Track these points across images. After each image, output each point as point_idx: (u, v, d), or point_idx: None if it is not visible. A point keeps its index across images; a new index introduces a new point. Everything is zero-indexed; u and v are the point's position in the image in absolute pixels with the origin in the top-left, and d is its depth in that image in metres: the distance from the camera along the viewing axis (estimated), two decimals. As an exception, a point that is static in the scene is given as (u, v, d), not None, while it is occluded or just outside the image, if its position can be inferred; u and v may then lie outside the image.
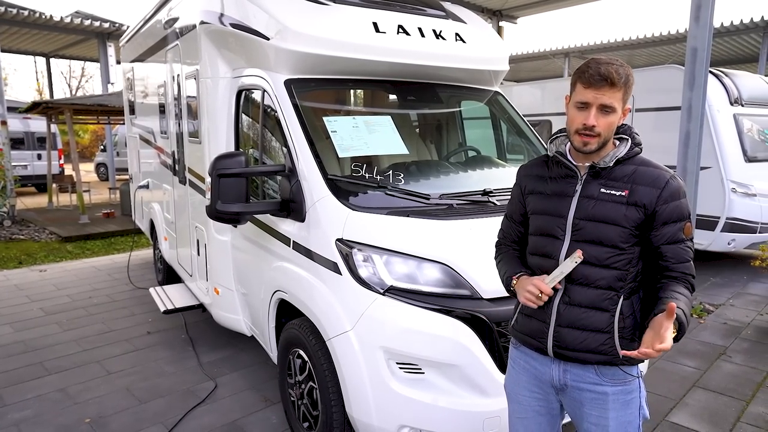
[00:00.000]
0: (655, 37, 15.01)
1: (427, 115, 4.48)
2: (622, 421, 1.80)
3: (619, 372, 1.79)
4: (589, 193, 1.78)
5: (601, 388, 1.80)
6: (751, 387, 3.98)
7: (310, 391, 3.02)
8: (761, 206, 6.72)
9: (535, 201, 1.93)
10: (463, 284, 2.65)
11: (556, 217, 1.83)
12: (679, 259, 1.73)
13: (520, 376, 2.00)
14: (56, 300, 6.10)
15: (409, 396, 2.53)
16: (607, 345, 1.75)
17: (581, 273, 1.76)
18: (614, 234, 1.73)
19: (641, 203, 1.72)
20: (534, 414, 1.98)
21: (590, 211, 1.77)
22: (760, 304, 5.93)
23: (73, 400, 3.78)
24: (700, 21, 5.44)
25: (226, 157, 3.00)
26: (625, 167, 1.78)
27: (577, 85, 1.72)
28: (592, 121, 1.68)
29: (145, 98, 6.43)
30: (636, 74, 7.93)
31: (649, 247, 1.77)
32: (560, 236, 1.82)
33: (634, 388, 1.81)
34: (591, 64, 1.71)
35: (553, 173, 1.89)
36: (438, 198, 3.10)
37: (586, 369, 1.80)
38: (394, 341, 2.56)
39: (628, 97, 1.73)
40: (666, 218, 1.72)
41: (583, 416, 1.85)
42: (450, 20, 3.96)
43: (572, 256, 1.73)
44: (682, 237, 1.73)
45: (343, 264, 2.73)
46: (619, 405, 1.80)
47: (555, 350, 1.83)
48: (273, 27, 3.30)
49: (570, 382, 1.84)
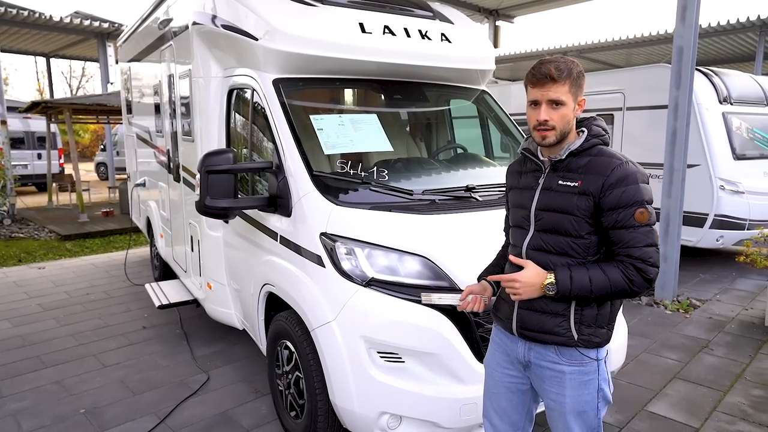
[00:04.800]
0: (652, 36, 15.04)
1: (414, 114, 4.57)
2: (579, 400, 1.92)
3: (576, 353, 1.90)
4: (549, 185, 1.92)
5: (559, 367, 1.92)
6: (729, 378, 4.07)
7: (296, 381, 3.12)
8: (749, 203, 6.81)
9: (512, 195, 2.12)
10: (442, 276, 2.74)
11: (523, 209, 2.00)
12: (624, 244, 1.77)
13: (495, 353, 2.17)
14: (54, 296, 6.21)
15: (389, 384, 2.62)
16: (563, 327, 1.88)
17: (540, 260, 1.90)
18: (568, 223, 1.84)
19: (589, 192, 1.81)
20: (505, 390, 2.13)
21: (548, 202, 1.90)
22: (746, 299, 6.02)
23: (69, 392, 3.89)
24: (686, 21, 5.53)
25: (214, 154, 3.10)
26: (581, 159, 1.88)
27: (527, 86, 1.87)
28: (543, 116, 1.82)
29: (141, 98, 6.53)
30: (626, 73, 7.97)
31: (605, 234, 1.84)
32: (526, 227, 1.98)
33: (591, 370, 1.92)
34: (536, 65, 1.84)
35: (526, 168, 2.06)
36: (421, 194, 3.19)
37: (547, 348, 1.94)
38: (375, 331, 2.65)
39: (578, 89, 1.84)
40: (611, 204, 1.78)
41: (544, 392, 2.00)
42: (437, 21, 4.05)
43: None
44: (632, 222, 1.76)
45: (326, 257, 2.83)
46: (576, 384, 1.91)
47: (519, 330, 1.99)
48: (261, 28, 3.40)
49: (533, 360, 1.98)
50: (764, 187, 7.02)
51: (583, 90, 1.87)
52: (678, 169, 5.77)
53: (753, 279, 6.75)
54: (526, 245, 1.95)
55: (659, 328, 5.15)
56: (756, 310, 5.63)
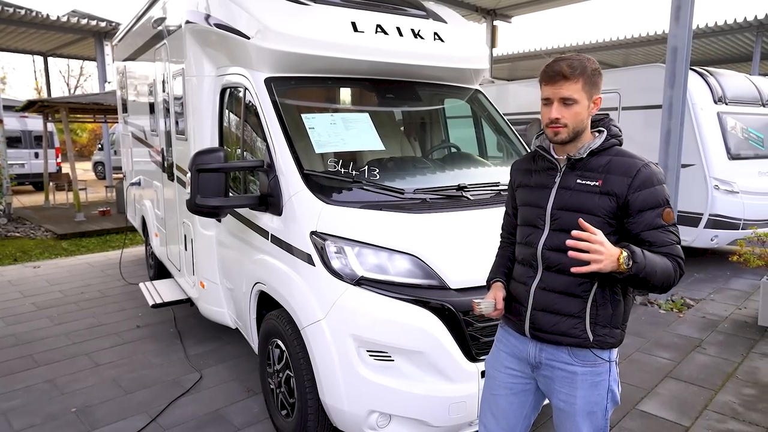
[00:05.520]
0: (649, 36, 15.06)
1: (407, 113, 4.57)
2: (590, 401, 1.89)
3: (590, 354, 1.88)
4: (566, 184, 1.88)
5: (571, 368, 1.90)
6: (721, 377, 4.08)
7: (287, 380, 3.12)
8: (744, 203, 6.82)
9: (522, 193, 2.07)
10: (432, 275, 2.75)
11: (537, 208, 1.95)
12: (662, 243, 1.77)
13: (500, 353, 2.12)
14: (48, 295, 6.20)
15: (378, 382, 2.62)
16: (578, 329, 1.86)
17: (557, 260, 1.86)
18: (589, 223, 1.74)
19: (613, 192, 1.79)
20: (506, 392, 2.08)
21: (566, 201, 1.86)
22: (740, 298, 6.04)
23: (61, 391, 3.89)
24: (680, 21, 5.53)
25: (205, 153, 3.10)
26: (601, 158, 1.86)
27: (541, 84, 1.86)
28: (555, 114, 1.80)
29: (136, 97, 6.53)
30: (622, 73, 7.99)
31: (628, 236, 1.81)
32: (541, 226, 1.93)
33: (603, 371, 1.90)
34: (549, 63, 1.84)
35: (538, 166, 2.02)
36: (412, 193, 3.20)
37: (559, 349, 1.91)
38: (364, 330, 2.66)
39: (593, 87, 1.82)
40: (640, 206, 1.77)
41: (554, 393, 1.96)
42: (430, 20, 4.05)
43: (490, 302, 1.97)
44: (661, 222, 1.77)
45: (317, 256, 2.83)
46: (588, 385, 1.89)
47: (531, 331, 1.95)
48: (254, 26, 3.40)
49: (544, 360, 1.95)
50: (759, 187, 7.04)
51: (599, 88, 1.85)
52: (672, 168, 5.78)
53: (747, 278, 6.77)
54: (542, 245, 1.90)
55: (653, 327, 5.16)
56: (749, 309, 5.65)
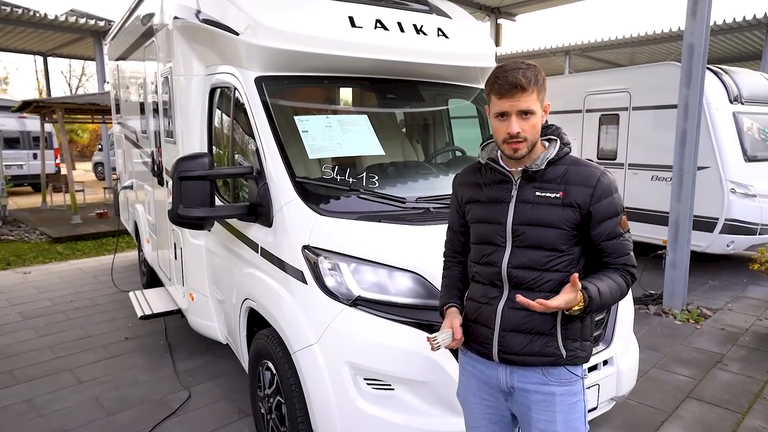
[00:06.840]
0: (656, 35, 14.75)
1: (409, 114, 4.31)
2: (570, 426, 1.78)
3: (565, 372, 1.79)
4: (525, 197, 1.78)
5: (548, 389, 1.78)
6: (747, 398, 3.80)
7: (278, 406, 2.86)
8: (761, 207, 6.54)
9: (474, 209, 1.91)
10: (436, 294, 2.48)
11: (495, 225, 1.82)
12: (619, 254, 1.76)
13: (469, 382, 1.96)
14: (36, 303, 5.96)
15: (377, 415, 2.37)
16: (552, 347, 1.76)
17: (524, 277, 1.76)
18: (554, 236, 1.73)
19: (576, 203, 1.73)
20: (486, 422, 1.94)
21: (527, 216, 1.76)
22: (760, 308, 5.75)
23: (38, 412, 3.63)
24: (696, 16, 5.25)
25: (188, 159, 2.85)
26: (557, 168, 1.77)
27: (492, 97, 1.72)
28: (515, 129, 1.68)
29: (128, 97, 6.30)
30: (633, 72, 7.71)
31: (590, 245, 1.78)
32: (501, 243, 1.81)
33: (578, 390, 1.81)
34: (499, 74, 1.69)
35: (487, 179, 1.88)
36: (414, 201, 2.94)
37: (532, 370, 1.80)
38: (361, 356, 2.40)
39: (544, 95, 1.73)
40: (602, 216, 1.74)
41: (531, 422, 1.82)
42: (433, 15, 3.80)
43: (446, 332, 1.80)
44: (619, 231, 1.75)
45: (309, 272, 2.58)
46: (566, 408, 1.78)
47: (501, 355, 1.81)
48: (243, 21, 3.14)
49: (517, 384, 1.81)
50: (777, 190, 6.75)
51: (546, 95, 1.76)
52: (688, 171, 5.50)
53: (765, 286, 6.48)
54: (507, 263, 1.77)
55: (669, 340, 4.89)
56: (770, 320, 5.37)
